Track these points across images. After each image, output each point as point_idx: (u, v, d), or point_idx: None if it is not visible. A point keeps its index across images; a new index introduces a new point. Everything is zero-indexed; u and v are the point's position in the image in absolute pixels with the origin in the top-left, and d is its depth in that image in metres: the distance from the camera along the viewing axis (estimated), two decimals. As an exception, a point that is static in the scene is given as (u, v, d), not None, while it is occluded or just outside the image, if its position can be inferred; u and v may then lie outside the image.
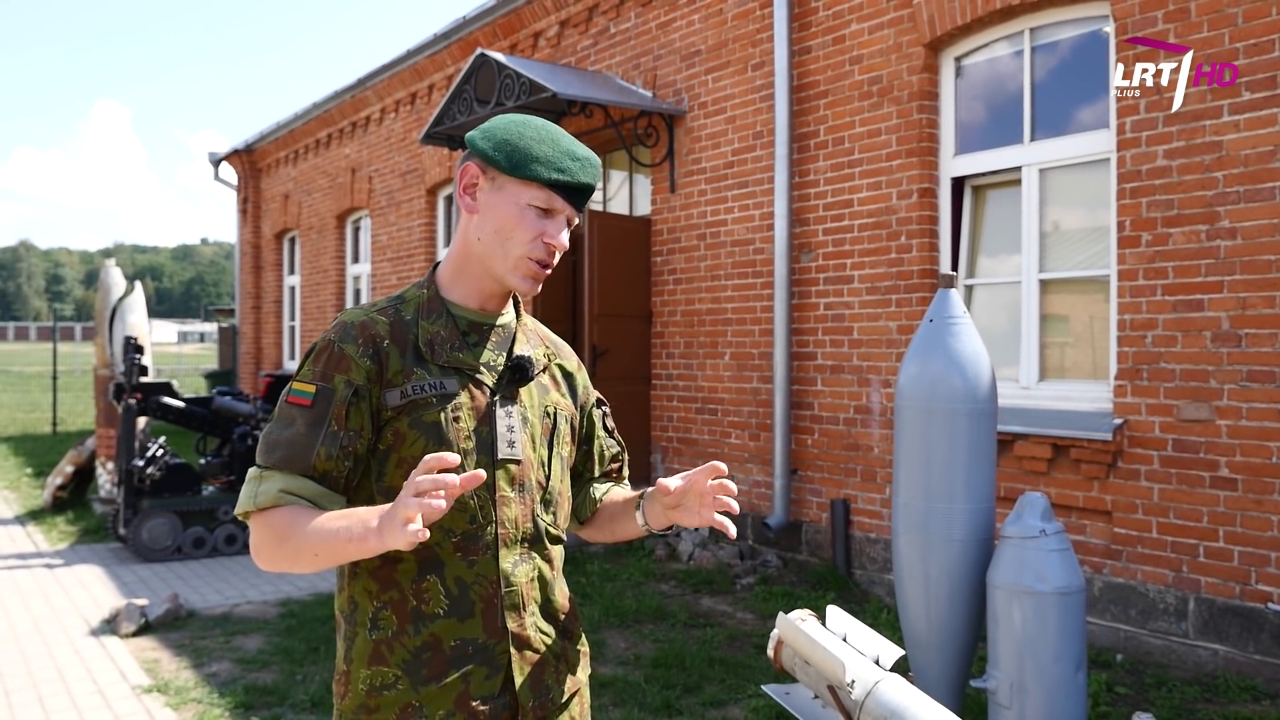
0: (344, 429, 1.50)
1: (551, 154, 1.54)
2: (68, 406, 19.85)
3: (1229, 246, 4.58)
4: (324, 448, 1.48)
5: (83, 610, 5.91)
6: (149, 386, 7.71)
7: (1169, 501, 4.78)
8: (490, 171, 1.56)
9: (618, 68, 8.17)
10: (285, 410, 1.53)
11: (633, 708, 4.26)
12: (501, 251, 1.56)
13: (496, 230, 1.55)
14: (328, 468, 1.49)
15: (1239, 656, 4.53)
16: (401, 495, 1.31)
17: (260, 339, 16.32)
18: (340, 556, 1.43)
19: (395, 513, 1.31)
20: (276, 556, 1.48)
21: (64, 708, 4.41)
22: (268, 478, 1.49)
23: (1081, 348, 5.53)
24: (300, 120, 13.91)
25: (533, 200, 1.54)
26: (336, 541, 1.40)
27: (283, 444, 1.49)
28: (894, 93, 6.05)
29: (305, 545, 1.43)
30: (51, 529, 8.31)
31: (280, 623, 5.60)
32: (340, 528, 1.40)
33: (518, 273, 1.57)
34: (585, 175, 1.57)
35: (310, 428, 1.49)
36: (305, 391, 1.51)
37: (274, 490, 1.48)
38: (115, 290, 9.11)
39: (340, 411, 1.50)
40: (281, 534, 1.45)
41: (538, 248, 1.55)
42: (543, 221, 1.55)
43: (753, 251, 6.99)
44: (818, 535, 6.54)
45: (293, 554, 1.45)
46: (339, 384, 1.51)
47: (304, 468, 1.48)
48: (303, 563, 1.46)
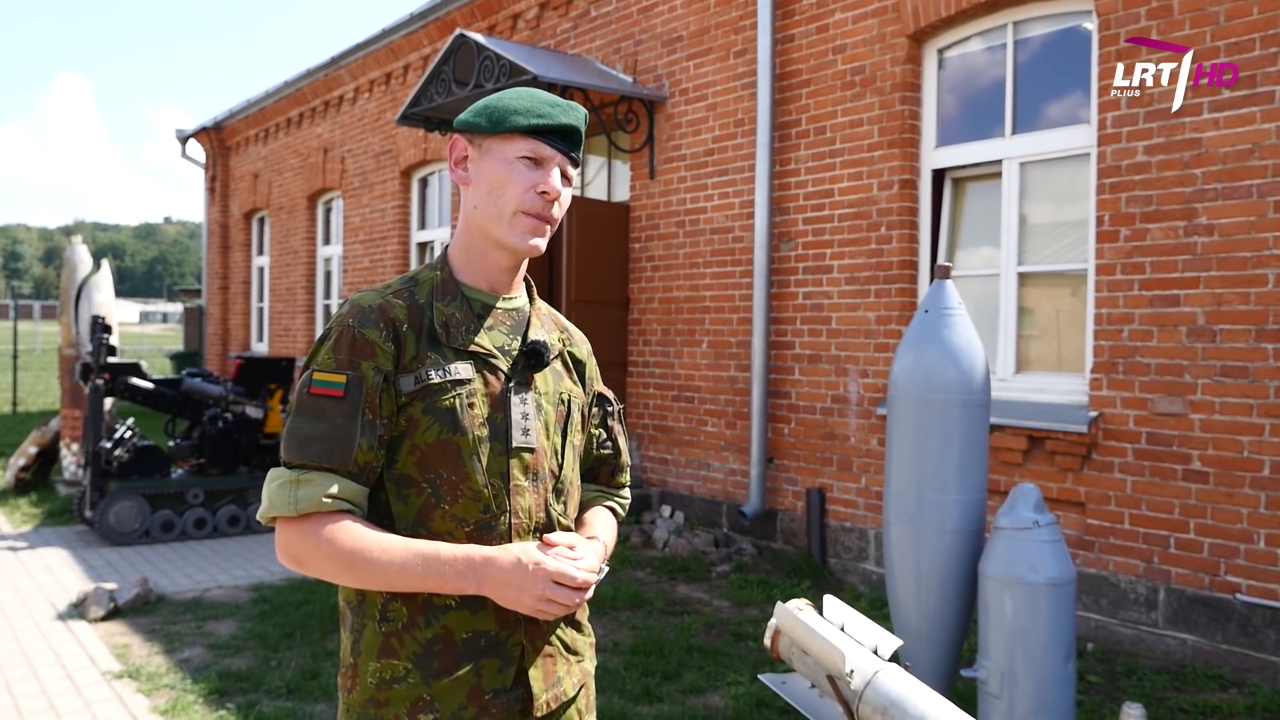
0: (378, 417, 1.46)
1: (529, 104, 1.53)
2: (28, 386, 19.50)
3: (1206, 243, 4.64)
4: (364, 439, 1.44)
5: (49, 594, 5.81)
6: (117, 367, 7.57)
7: (1141, 494, 4.85)
8: (476, 139, 1.55)
9: (598, 52, 8.11)
10: (311, 403, 1.46)
11: (613, 695, 4.26)
12: (496, 210, 1.53)
13: (489, 190, 1.53)
14: (368, 459, 1.45)
15: (1207, 646, 4.61)
16: (533, 585, 1.42)
17: (228, 320, 16.11)
18: (416, 586, 1.45)
19: (521, 599, 1.43)
20: (336, 576, 1.45)
21: (32, 693, 4.33)
22: (307, 480, 1.43)
23: (1057, 341, 5.59)
24: (272, 98, 13.70)
25: (519, 151, 1.52)
26: (424, 587, 1.44)
27: (318, 439, 1.43)
28: (876, 83, 6.06)
29: (377, 579, 1.43)
30: (14, 511, 8.16)
31: (253, 608, 5.54)
32: (427, 574, 1.43)
33: (515, 230, 1.54)
34: (566, 117, 1.54)
35: (347, 419, 1.44)
36: (334, 382, 1.45)
37: (317, 496, 1.42)
38: (81, 268, 8.93)
39: (374, 399, 1.46)
40: (344, 560, 1.42)
41: (531, 198, 1.52)
42: (533, 172, 1.53)
43: (732, 240, 6.98)
44: (793, 524, 6.57)
45: (360, 580, 1.44)
46: (368, 370, 1.46)
47: (344, 462, 1.43)
48: (362, 582, 1.45)
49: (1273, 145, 4.43)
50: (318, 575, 1.47)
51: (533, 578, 1.40)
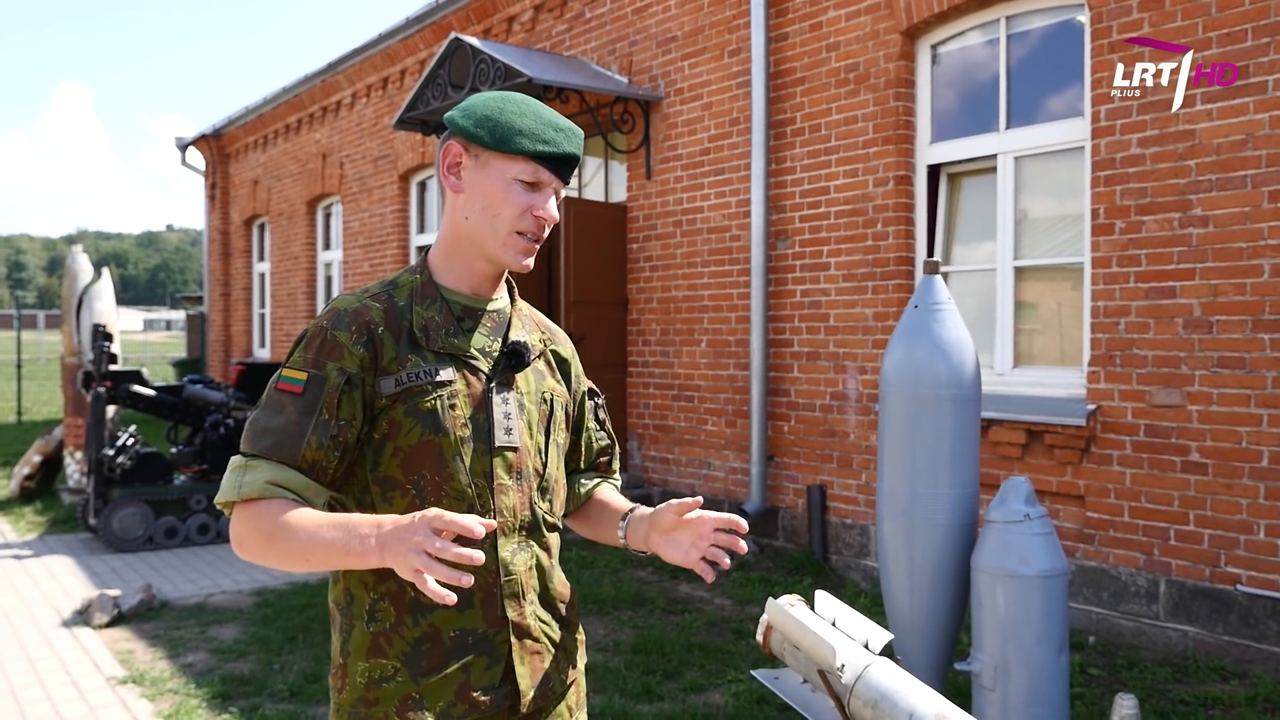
0: (335, 418, 1.47)
1: (535, 126, 1.53)
2: (32, 395, 19.55)
3: (1201, 234, 4.64)
4: (315, 436, 1.45)
5: (54, 601, 5.83)
6: (118, 375, 7.60)
7: (1141, 486, 4.85)
8: (474, 149, 1.55)
9: (593, 53, 8.12)
10: (275, 397, 1.49)
11: (613, 694, 4.27)
12: (491, 228, 1.54)
13: (484, 207, 1.54)
14: (317, 457, 1.46)
15: (1208, 638, 4.61)
16: (412, 535, 1.27)
17: (230, 327, 16.14)
18: (334, 564, 1.40)
19: (403, 550, 1.27)
20: (264, 553, 1.44)
21: (37, 699, 4.35)
22: (253, 467, 1.45)
23: (1055, 334, 5.59)
24: (270, 105, 13.73)
25: (519, 174, 1.53)
26: (332, 553, 1.37)
27: (271, 431, 1.46)
28: (871, 80, 6.07)
29: (295, 549, 1.40)
30: (19, 519, 8.19)
31: (256, 612, 5.56)
32: (335, 539, 1.36)
33: (509, 248, 1.56)
34: (570, 145, 1.55)
35: (301, 415, 1.46)
36: (296, 379, 1.48)
37: (260, 481, 1.44)
38: (82, 277, 8.96)
39: (332, 400, 1.47)
40: (269, 532, 1.42)
41: (527, 220, 1.54)
42: (530, 195, 1.54)
43: (729, 238, 6.99)
44: (794, 521, 6.58)
45: (281, 554, 1.42)
46: (331, 371, 1.48)
47: (292, 457, 1.45)
48: (291, 563, 1.42)
49: (1266, 136, 4.43)
50: (252, 557, 1.46)
51: (412, 528, 1.29)
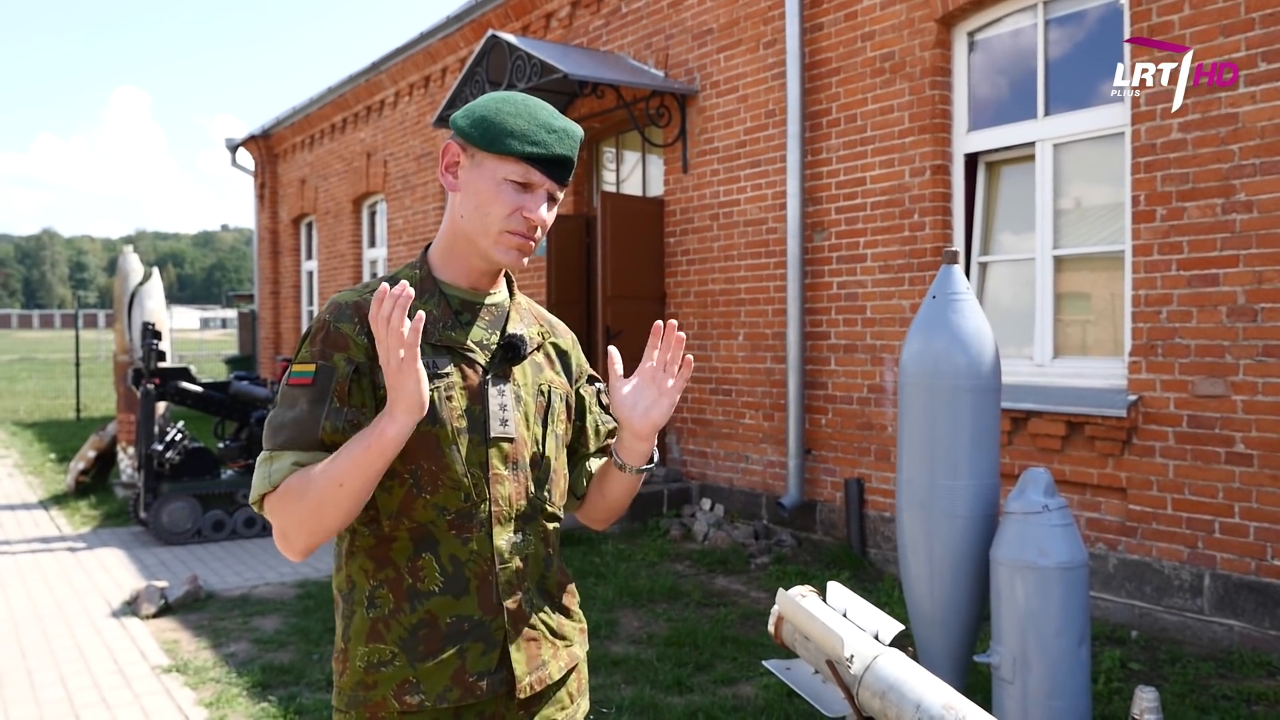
0: (346, 404, 1.50)
1: (526, 128, 1.54)
2: (91, 392, 20.06)
3: (1245, 220, 4.52)
4: (329, 421, 1.48)
5: (104, 592, 6.00)
6: (166, 371, 7.78)
7: (1184, 478, 4.75)
8: (469, 149, 1.57)
9: (629, 47, 8.13)
10: (287, 393, 1.52)
11: (644, 685, 4.28)
12: (482, 226, 1.56)
13: (476, 206, 1.56)
14: (334, 439, 1.49)
15: (1255, 632, 4.50)
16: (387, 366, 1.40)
17: (279, 324, 16.43)
18: (366, 472, 1.42)
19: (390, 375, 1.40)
20: (303, 518, 1.44)
21: (85, 687, 4.48)
22: (277, 458, 1.49)
23: (1096, 324, 5.49)
24: (315, 105, 13.94)
25: (509, 174, 1.54)
26: (357, 459, 1.41)
27: (288, 425, 1.49)
28: (906, 69, 6.00)
29: (328, 482, 1.42)
30: (74, 513, 8.42)
31: (297, 604, 5.66)
32: (353, 449, 1.42)
33: (499, 247, 1.57)
34: (561, 148, 1.56)
35: (313, 405, 1.49)
36: (305, 371, 1.51)
37: (286, 466, 1.48)
38: (133, 276, 9.18)
39: (342, 388, 1.50)
40: (300, 490, 1.44)
41: (516, 221, 1.55)
42: (521, 196, 1.55)
43: (765, 231, 6.96)
44: (832, 514, 6.54)
45: (317, 503, 1.43)
46: (339, 361, 1.51)
47: (311, 443, 1.48)
48: (329, 505, 1.42)
49: (1312, 118, 4.31)
50: (300, 529, 1.46)
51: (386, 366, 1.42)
